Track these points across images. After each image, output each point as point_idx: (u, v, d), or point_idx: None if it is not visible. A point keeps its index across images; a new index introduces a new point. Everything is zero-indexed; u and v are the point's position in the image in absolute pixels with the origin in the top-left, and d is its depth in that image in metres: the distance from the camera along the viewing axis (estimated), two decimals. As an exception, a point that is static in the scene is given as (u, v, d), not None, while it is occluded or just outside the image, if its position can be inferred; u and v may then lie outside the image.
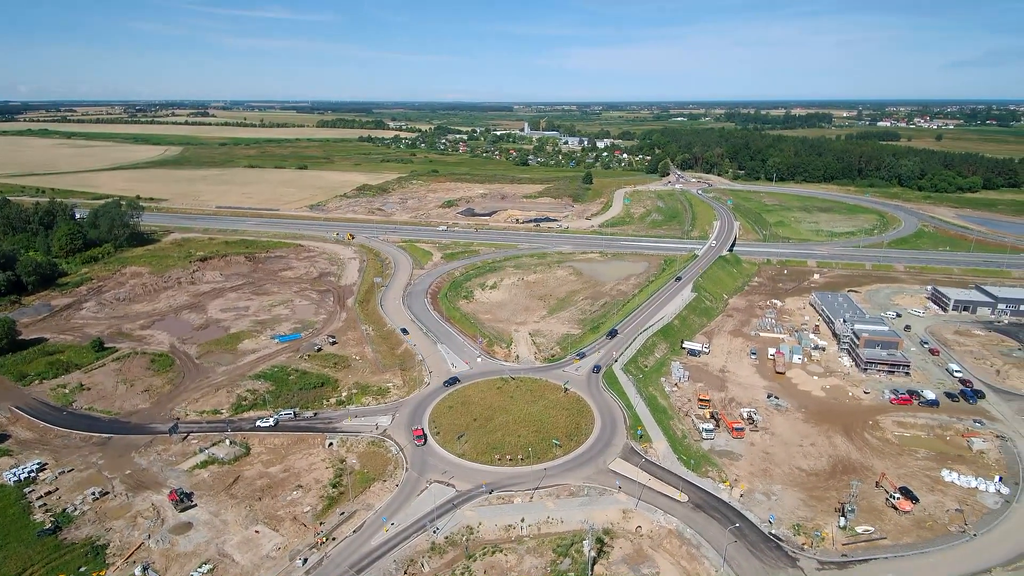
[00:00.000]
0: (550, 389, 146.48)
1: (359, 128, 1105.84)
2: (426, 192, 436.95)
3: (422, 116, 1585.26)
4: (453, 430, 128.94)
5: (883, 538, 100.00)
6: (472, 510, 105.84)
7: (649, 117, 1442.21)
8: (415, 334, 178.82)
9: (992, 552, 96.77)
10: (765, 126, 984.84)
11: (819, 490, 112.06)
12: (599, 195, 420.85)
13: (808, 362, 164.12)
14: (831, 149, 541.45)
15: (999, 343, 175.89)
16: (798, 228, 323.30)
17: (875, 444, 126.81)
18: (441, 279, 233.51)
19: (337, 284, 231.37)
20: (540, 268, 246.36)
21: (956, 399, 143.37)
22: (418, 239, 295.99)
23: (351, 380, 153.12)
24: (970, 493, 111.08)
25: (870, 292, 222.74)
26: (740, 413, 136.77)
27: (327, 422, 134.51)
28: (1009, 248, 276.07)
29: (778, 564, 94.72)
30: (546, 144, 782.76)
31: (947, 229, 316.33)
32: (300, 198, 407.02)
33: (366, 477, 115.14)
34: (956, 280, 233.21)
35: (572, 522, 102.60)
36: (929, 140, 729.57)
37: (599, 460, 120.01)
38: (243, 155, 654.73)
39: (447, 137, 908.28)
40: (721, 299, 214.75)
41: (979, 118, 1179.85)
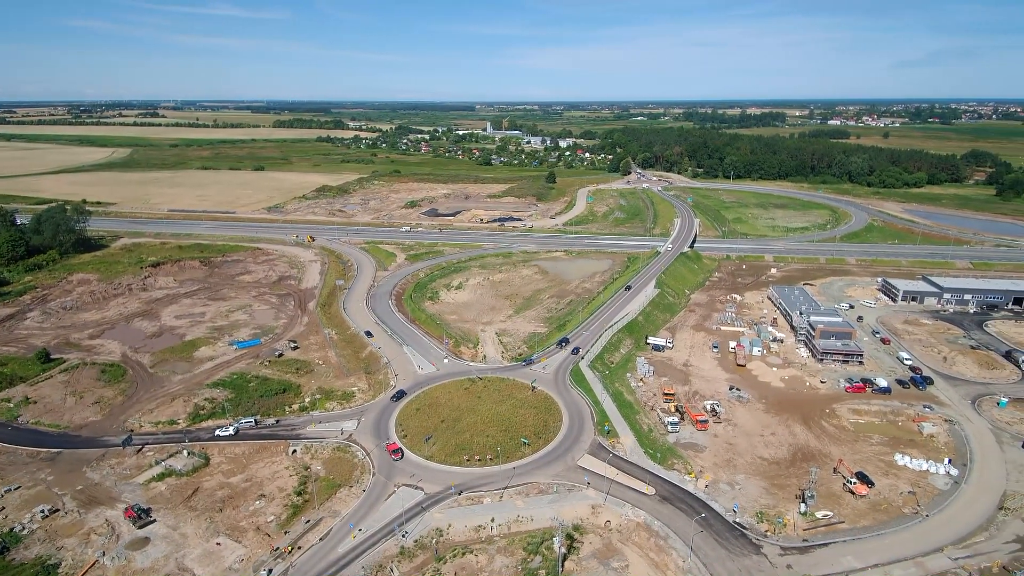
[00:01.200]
0: (518, 388, 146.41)
1: (317, 128, 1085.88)
2: (388, 193, 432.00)
3: (382, 116, 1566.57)
4: (420, 433, 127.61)
5: (841, 522, 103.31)
6: (441, 512, 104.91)
7: (610, 117, 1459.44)
8: (380, 337, 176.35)
9: (944, 532, 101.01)
10: (722, 125, 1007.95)
11: (780, 478, 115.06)
12: (563, 194, 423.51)
13: (767, 354, 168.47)
14: (785, 147, 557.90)
15: (945, 331, 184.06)
16: (755, 224, 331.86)
17: (832, 431, 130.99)
18: (406, 280, 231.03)
19: (298, 288, 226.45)
20: (505, 267, 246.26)
21: (907, 386, 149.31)
22: (381, 240, 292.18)
23: (314, 385, 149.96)
24: (922, 476, 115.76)
25: (824, 285, 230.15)
26: (704, 406, 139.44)
27: (290, 429, 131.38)
28: (953, 240, 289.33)
29: (743, 552, 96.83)
30: (509, 144, 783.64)
31: (895, 223, 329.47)
32: (257, 200, 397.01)
33: (332, 484, 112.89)
34: (904, 272, 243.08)
35: (542, 520, 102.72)
36: (877, 138, 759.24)
37: (567, 457, 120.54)
38: (196, 156, 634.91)
39: (409, 137, 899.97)
40: (683, 295, 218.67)
41: (923, 116, 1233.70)
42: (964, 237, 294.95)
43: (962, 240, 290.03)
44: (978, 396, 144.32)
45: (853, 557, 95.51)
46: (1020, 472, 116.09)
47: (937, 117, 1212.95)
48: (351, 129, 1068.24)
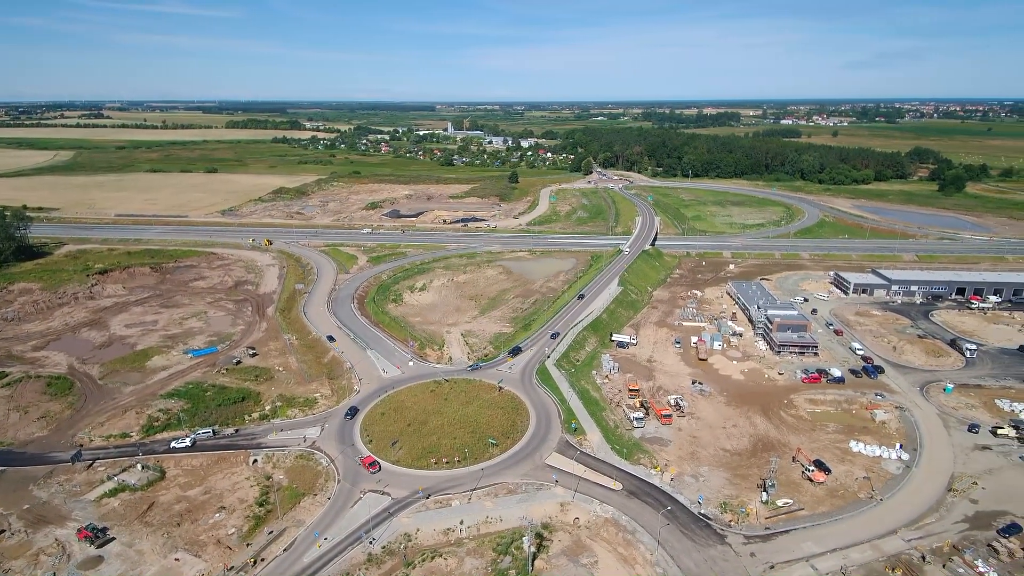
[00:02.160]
0: (484, 389, 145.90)
1: (273, 128, 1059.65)
2: (348, 194, 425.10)
3: (340, 116, 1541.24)
4: (386, 437, 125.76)
5: (801, 509, 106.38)
6: (409, 517, 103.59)
7: (571, 117, 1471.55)
8: (342, 341, 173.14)
9: (897, 514, 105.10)
10: (679, 125, 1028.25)
11: (742, 468, 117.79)
12: (526, 194, 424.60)
13: (727, 348, 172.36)
14: (740, 146, 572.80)
15: (894, 321, 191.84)
16: (714, 222, 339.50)
17: (790, 421, 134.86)
18: (368, 283, 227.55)
19: (255, 293, 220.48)
20: (470, 268, 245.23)
21: (859, 375, 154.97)
22: (342, 243, 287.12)
23: (275, 393, 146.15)
24: (875, 461, 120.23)
25: (780, 279, 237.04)
26: (668, 400, 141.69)
27: (250, 438, 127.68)
28: (899, 234, 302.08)
29: (708, 542, 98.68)
30: (471, 144, 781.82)
31: (845, 219, 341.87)
32: (211, 203, 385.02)
33: (295, 493, 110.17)
34: (855, 265, 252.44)
35: (511, 520, 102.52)
36: (827, 137, 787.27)
37: (535, 456, 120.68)
38: (144, 159, 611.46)
39: (368, 137, 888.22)
40: (646, 292, 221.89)
41: (870, 116, 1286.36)
42: (910, 231, 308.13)
43: (908, 234, 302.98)
44: (926, 383, 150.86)
45: (813, 543, 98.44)
46: (966, 455, 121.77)
47: (883, 116, 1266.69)
48: (308, 130, 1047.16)
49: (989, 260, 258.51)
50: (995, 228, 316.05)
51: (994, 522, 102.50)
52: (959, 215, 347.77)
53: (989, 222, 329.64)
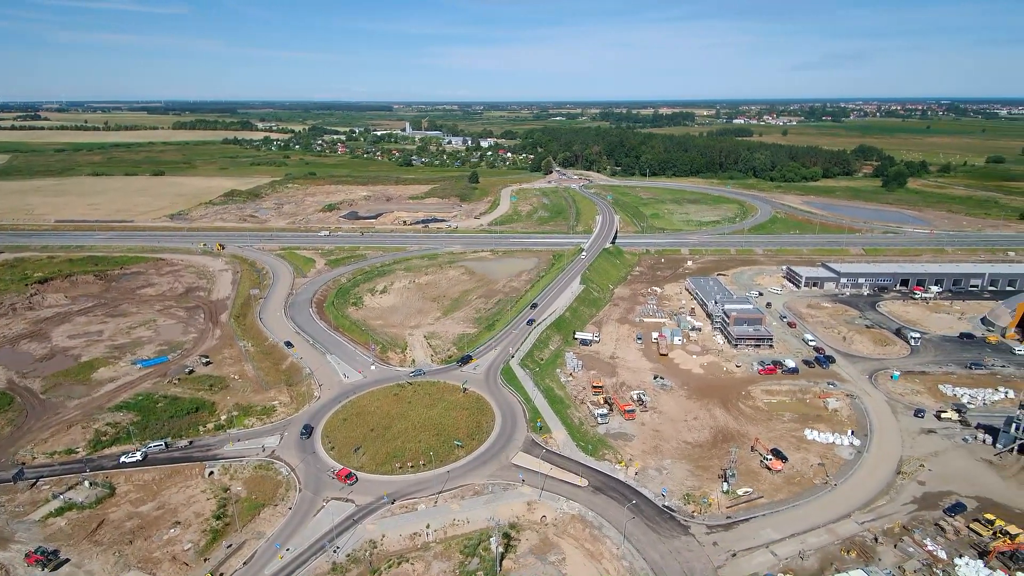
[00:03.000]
0: (449, 391, 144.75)
1: (223, 129, 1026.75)
2: (304, 196, 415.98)
3: (294, 116, 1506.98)
4: (349, 443, 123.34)
5: (760, 497, 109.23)
6: (374, 523, 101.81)
7: (530, 117, 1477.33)
8: (301, 347, 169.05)
9: (850, 498, 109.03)
10: (636, 125, 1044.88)
11: (704, 460, 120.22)
12: (486, 194, 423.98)
13: (687, 342, 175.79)
14: (695, 145, 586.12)
15: (843, 313, 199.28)
16: (671, 219, 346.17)
17: (748, 412, 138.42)
18: (327, 287, 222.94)
19: (208, 299, 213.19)
20: (431, 269, 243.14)
21: (812, 365, 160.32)
22: (298, 246, 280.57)
23: (231, 402, 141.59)
24: (829, 448, 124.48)
25: (736, 274, 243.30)
26: (631, 396, 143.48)
27: (205, 450, 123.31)
28: (847, 229, 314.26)
29: (672, 534, 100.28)
30: (429, 144, 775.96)
31: (796, 214, 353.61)
32: (158, 207, 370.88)
33: (254, 504, 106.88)
34: (806, 259, 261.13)
35: (478, 521, 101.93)
36: (777, 135, 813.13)
37: (502, 456, 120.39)
38: (86, 162, 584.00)
39: (323, 138, 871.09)
40: (607, 289, 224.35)
41: (817, 115, 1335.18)
42: (856, 226, 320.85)
43: (855, 229, 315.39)
44: (874, 371, 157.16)
45: (772, 529, 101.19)
46: (913, 439, 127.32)
47: (829, 115, 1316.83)
48: (260, 130, 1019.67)
49: (930, 252, 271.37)
50: (935, 222, 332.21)
51: (940, 502, 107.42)
52: (902, 210, 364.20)
53: (929, 216, 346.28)
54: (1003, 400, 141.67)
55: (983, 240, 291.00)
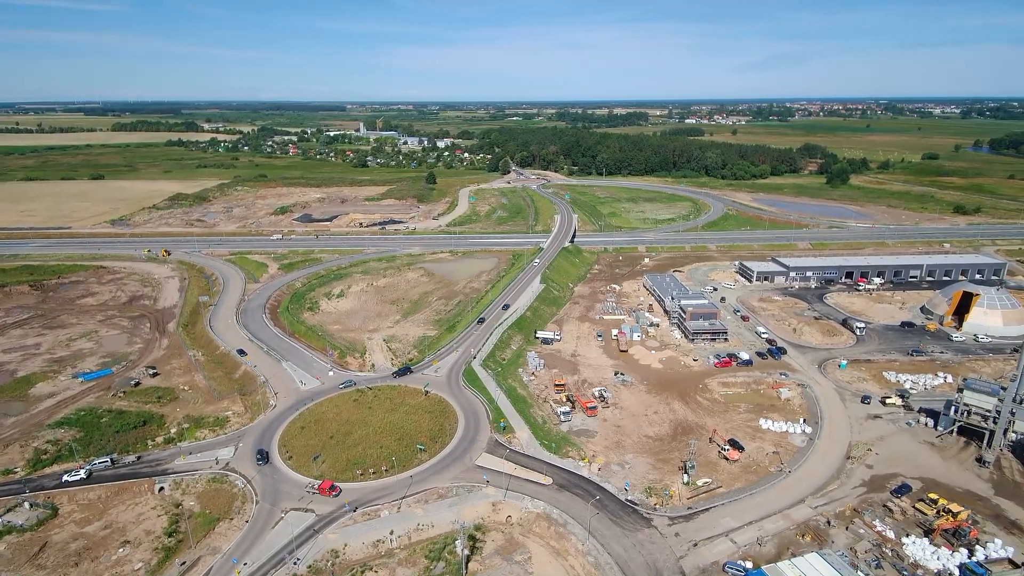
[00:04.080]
0: (410, 394, 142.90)
1: (167, 131, 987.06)
2: (254, 199, 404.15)
3: (242, 117, 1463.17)
4: (307, 452, 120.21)
5: (719, 487, 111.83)
6: (335, 532, 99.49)
7: (486, 117, 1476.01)
8: (255, 354, 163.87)
9: (804, 484, 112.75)
10: (592, 125, 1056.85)
11: (664, 452, 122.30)
12: (444, 194, 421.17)
13: (646, 338, 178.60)
14: (649, 145, 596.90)
15: (793, 305, 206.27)
16: (628, 217, 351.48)
17: (706, 404, 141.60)
18: (280, 292, 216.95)
19: (153, 308, 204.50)
20: (390, 272, 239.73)
21: (765, 357, 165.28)
22: (249, 250, 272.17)
23: (180, 414, 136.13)
24: (783, 436, 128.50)
25: (691, 271, 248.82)
26: (592, 392, 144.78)
27: (155, 465, 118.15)
28: (794, 224, 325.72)
29: (636, 527, 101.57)
30: (385, 144, 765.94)
31: (746, 211, 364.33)
32: (98, 212, 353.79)
33: (209, 519, 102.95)
34: (757, 255, 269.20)
35: (443, 524, 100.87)
36: (727, 135, 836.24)
37: (465, 458, 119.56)
38: (18, 166, 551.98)
39: (274, 139, 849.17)
40: (567, 288, 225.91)
41: (764, 115, 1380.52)
42: (803, 221, 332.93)
43: (802, 224, 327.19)
44: (823, 361, 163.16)
45: (731, 518, 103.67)
46: (861, 424, 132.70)
47: (776, 115, 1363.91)
48: (207, 131, 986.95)
49: (872, 245, 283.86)
50: (876, 216, 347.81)
51: (887, 484, 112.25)
52: (845, 205, 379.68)
53: (871, 211, 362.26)
54: (942, 385, 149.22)
55: (921, 233, 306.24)
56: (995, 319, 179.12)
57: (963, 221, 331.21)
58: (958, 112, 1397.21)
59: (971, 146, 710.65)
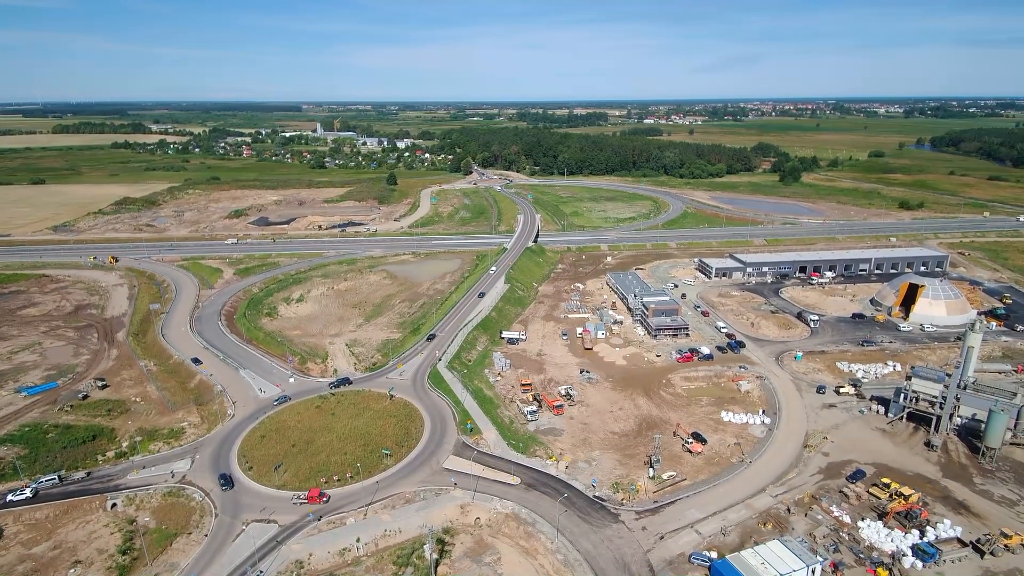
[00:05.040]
0: (374, 399, 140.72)
1: (112, 133, 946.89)
2: (207, 202, 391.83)
3: (193, 117, 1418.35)
4: (268, 461, 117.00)
5: (684, 479, 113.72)
6: (300, 542, 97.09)
7: (447, 117, 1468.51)
8: (211, 363, 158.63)
9: (764, 473, 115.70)
10: (553, 125, 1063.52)
11: (630, 448, 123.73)
12: (406, 195, 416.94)
13: (610, 336, 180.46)
14: (610, 145, 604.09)
15: (750, 300, 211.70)
16: (590, 217, 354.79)
17: (669, 399, 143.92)
18: (236, 298, 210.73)
19: (101, 317, 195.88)
20: (351, 275, 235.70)
21: (725, 351, 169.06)
22: (203, 256, 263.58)
23: (133, 426, 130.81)
24: (743, 428, 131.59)
25: (653, 268, 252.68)
26: (559, 391, 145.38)
27: (106, 481, 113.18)
28: (750, 221, 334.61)
29: (603, 523, 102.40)
30: (343, 145, 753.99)
31: (704, 209, 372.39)
32: (39, 218, 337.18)
33: (165, 534, 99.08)
34: (715, 251, 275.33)
35: (411, 529, 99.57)
36: (684, 134, 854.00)
37: (432, 461, 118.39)
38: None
39: (227, 140, 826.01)
40: (532, 288, 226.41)
41: (719, 115, 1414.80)
42: (759, 218, 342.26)
43: (757, 221, 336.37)
44: (780, 353, 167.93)
45: (696, 509, 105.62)
46: (817, 413, 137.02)
47: (731, 115, 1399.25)
48: (155, 133, 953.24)
49: (824, 241, 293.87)
50: (826, 212, 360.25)
51: (843, 470, 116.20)
52: (797, 202, 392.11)
53: (822, 207, 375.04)
54: (892, 373, 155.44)
55: (869, 228, 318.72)
56: (939, 309, 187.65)
57: (908, 216, 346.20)
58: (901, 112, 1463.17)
59: (914, 144, 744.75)
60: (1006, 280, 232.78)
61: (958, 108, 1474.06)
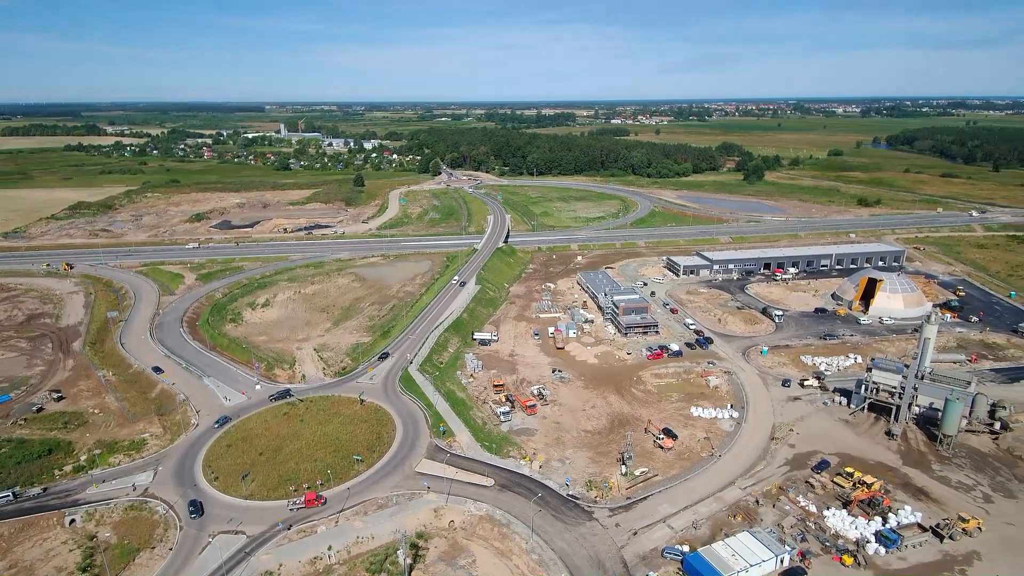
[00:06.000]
0: (344, 404, 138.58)
1: (64, 135, 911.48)
2: (167, 206, 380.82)
3: (150, 119, 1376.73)
4: (235, 471, 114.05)
5: (656, 475, 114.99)
6: (269, 553, 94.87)
7: (414, 117, 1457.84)
8: (172, 371, 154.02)
9: (733, 467, 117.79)
10: (521, 125, 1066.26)
11: (603, 446, 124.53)
12: (373, 197, 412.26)
13: (582, 335, 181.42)
14: (578, 145, 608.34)
15: (717, 297, 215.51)
16: (560, 217, 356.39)
17: (640, 396, 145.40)
18: (199, 304, 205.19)
19: (55, 326, 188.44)
20: (318, 278, 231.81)
21: (693, 347, 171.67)
22: (163, 261, 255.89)
23: (91, 439, 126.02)
24: (713, 422, 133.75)
25: (622, 267, 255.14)
26: (531, 391, 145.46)
27: (64, 496, 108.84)
28: (716, 220, 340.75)
29: (577, 521, 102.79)
30: (308, 146, 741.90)
31: (672, 208, 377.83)
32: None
33: (128, 550, 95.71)
34: (683, 250, 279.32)
35: (384, 535, 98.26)
36: (651, 134, 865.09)
37: (405, 465, 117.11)
38: None
39: (187, 142, 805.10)
40: (503, 288, 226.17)
41: (684, 115, 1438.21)
42: (724, 217, 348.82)
43: (723, 219, 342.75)
44: (746, 348, 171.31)
45: (668, 504, 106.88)
46: (782, 406, 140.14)
47: (695, 115, 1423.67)
48: (110, 135, 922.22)
49: (787, 237, 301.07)
50: (789, 210, 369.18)
51: (808, 461, 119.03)
52: (761, 200, 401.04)
53: (784, 205, 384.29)
54: (853, 365, 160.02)
55: (829, 225, 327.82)
56: (897, 302, 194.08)
57: (866, 212, 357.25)
58: (859, 111, 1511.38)
59: (871, 143, 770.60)
60: (959, 273, 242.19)
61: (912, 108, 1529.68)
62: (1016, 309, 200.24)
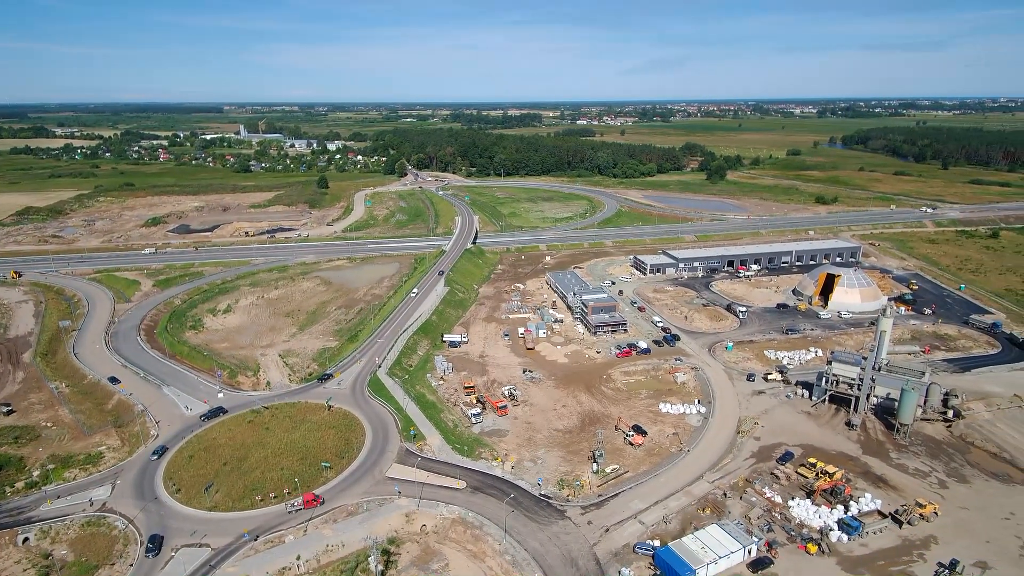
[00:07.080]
0: (312, 410, 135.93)
1: (10, 138, 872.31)
2: (121, 210, 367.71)
3: (102, 120, 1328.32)
4: (198, 482, 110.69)
5: (626, 472, 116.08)
6: (235, 565, 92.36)
7: (379, 118, 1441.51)
8: (130, 381, 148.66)
9: (701, 461, 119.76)
10: (487, 126, 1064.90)
11: (574, 444, 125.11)
12: (338, 199, 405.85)
13: (552, 334, 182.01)
14: (545, 145, 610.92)
15: (683, 294, 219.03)
16: (528, 217, 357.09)
17: (610, 394, 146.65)
18: (157, 311, 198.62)
19: (4, 337, 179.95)
20: (282, 282, 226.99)
21: (661, 344, 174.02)
22: (118, 267, 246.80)
23: (44, 454, 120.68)
24: (681, 418, 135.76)
25: (590, 266, 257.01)
26: (502, 392, 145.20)
27: (16, 514, 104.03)
28: (681, 219, 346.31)
29: (550, 520, 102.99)
30: (269, 148, 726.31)
31: (638, 208, 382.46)
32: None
33: (86, 567, 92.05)
34: (649, 248, 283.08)
35: (354, 542, 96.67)
36: (616, 135, 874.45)
37: (375, 471, 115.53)
38: None
39: (141, 144, 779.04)
40: (472, 289, 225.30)
41: (648, 116, 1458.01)
42: (689, 216, 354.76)
43: (687, 218, 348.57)
44: (712, 344, 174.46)
45: (639, 500, 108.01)
46: (748, 400, 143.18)
47: (659, 116, 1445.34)
48: (60, 137, 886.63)
49: (749, 235, 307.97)
50: (750, 208, 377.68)
51: (773, 453, 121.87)
52: (724, 199, 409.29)
53: (746, 203, 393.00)
54: (814, 359, 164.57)
55: (789, 223, 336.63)
56: (854, 297, 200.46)
57: (823, 210, 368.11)
58: (815, 112, 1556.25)
59: (827, 142, 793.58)
60: (912, 268, 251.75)
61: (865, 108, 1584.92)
62: (966, 301, 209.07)
